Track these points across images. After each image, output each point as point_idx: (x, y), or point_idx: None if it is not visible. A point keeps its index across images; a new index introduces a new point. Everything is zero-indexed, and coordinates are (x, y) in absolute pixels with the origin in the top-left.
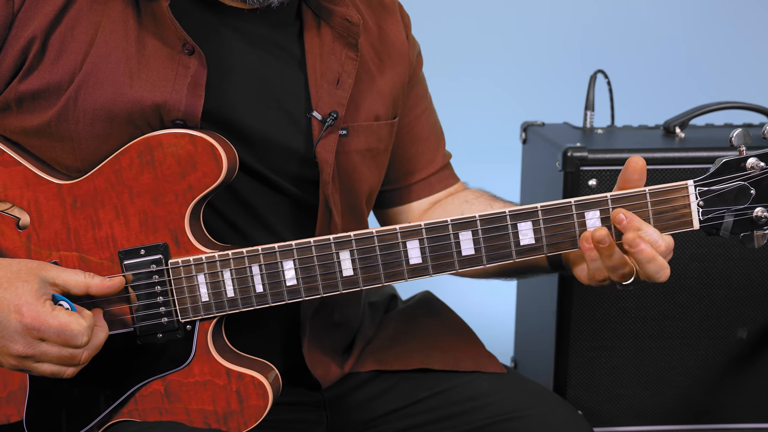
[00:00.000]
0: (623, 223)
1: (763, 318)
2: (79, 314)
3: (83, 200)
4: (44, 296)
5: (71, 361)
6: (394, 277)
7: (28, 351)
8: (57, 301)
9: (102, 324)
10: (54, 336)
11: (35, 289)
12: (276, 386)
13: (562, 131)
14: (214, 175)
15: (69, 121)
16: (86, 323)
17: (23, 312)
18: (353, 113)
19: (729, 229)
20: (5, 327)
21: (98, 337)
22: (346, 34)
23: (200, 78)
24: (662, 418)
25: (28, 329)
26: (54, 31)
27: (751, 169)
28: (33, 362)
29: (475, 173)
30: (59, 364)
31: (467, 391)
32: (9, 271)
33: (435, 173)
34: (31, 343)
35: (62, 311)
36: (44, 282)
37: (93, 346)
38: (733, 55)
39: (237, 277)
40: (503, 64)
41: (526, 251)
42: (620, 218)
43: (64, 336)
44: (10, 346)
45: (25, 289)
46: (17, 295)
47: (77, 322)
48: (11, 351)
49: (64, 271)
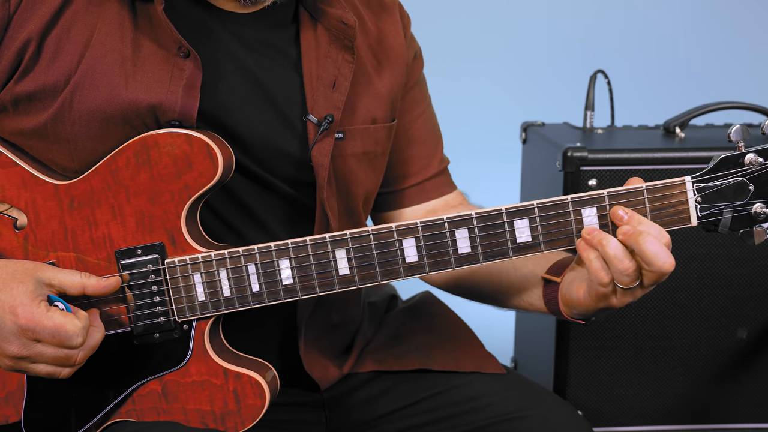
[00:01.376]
0: (624, 219)
1: (763, 318)
2: (74, 315)
3: (80, 200)
4: (39, 297)
5: (67, 361)
6: (390, 276)
7: (23, 352)
8: (52, 302)
9: (98, 324)
10: (49, 337)
11: (30, 290)
12: (273, 386)
13: (562, 131)
14: (210, 174)
15: (65, 123)
16: (81, 324)
17: (18, 313)
18: (350, 116)
19: (727, 225)
20: (0, 328)
21: (94, 337)
22: (342, 36)
23: (196, 80)
24: (662, 418)
25: (23, 330)
26: (50, 33)
27: (750, 165)
28: (28, 363)
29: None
30: (55, 365)
31: (467, 392)
32: (5, 272)
33: (429, 179)
34: (26, 344)
35: (57, 312)
36: (40, 283)
37: (89, 347)
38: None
39: (233, 277)
40: (503, 64)
41: (523, 249)
42: (620, 215)
43: (59, 337)
44: (6, 347)
45: (20, 290)
46: (12, 296)
47: (72, 323)
48: (6, 352)
49: (60, 272)
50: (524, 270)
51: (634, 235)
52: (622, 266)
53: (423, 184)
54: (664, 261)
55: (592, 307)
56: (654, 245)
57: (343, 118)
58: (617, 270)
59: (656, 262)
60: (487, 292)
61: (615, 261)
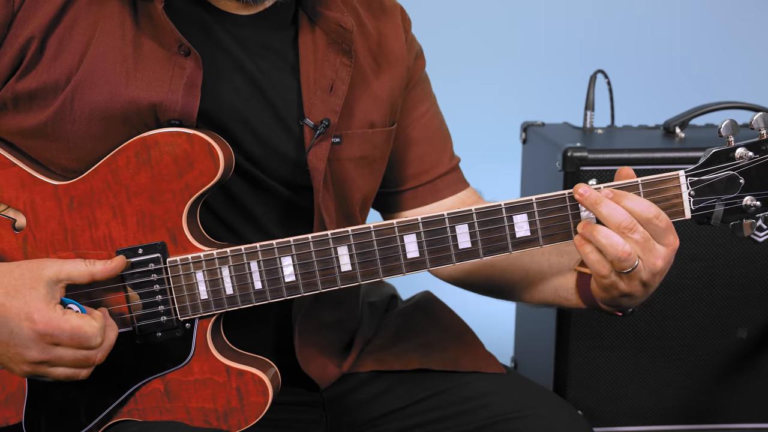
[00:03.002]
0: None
1: (763, 318)
2: (90, 316)
3: (80, 200)
4: (54, 300)
5: (86, 363)
6: (392, 272)
7: (43, 356)
8: (65, 305)
9: (111, 323)
10: (68, 340)
11: (43, 294)
12: (276, 383)
13: (562, 131)
14: (211, 173)
15: (65, 121)
16: (99, 324)
17: (35, 319)
18: (347, 120)
19: (719, 218)
20: (18, 335)
21: (110, 337)
22: (339, 40)
23: (196, 79)
24: (662, 418)
25: (42, 336)
26: (53, 32)
27: (740, 159)
28: (48, 367)
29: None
30: (74, 367)
31: (467, 392)
32: (11, 277)
33: (441, 176)
34: (45, 348)
35: (73, 314)
36: (50, 283)
37: (106, 346)
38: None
39: (235, 275)
40: (503, 65)
41: (522, 243)
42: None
43: (78, 339)
44: (25, 353)
45: (33, 296)
46: (26, 303)
47: (90, 324)
48: (26, 358)
49: (66, 264)
50: (552, 259)
51: (591, 197)
52: (615, 252)
53: (435, 182)
54: (661, 234)
55: (607, 297)
56: (607, 207)
57: (341, 122)
58: (613, 257)
59: (612, 221)
60: (505, 285)
61: (609, 248)
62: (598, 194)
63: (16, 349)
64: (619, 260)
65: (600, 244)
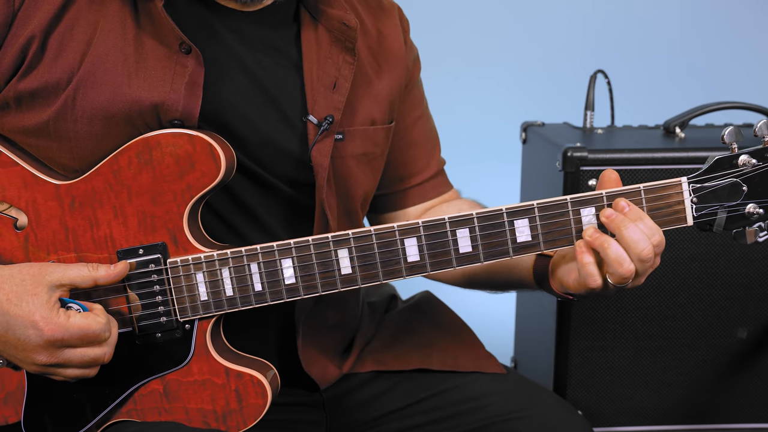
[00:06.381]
0: (625, 210)
1: (763, 318)
2: (93, 313)
3: (81, 200)
4: (56, 305)
5: (95, 362)
6: (392, 275)
7: (52, 360)
8: (65, 305)
9: (111, 317)
10: (77, 341)
11: (45, 300)
12: (275, 385)
13: (562, 131)
14: (212, 174)
15: (67, 121)
16: (104, 319)
17: (41, 326)
18: (349, 117)
19: (722, 225)
20: (26, 342)
21: (113, 332)
22: (343, 38)
23: (198, 77)
24: (662, 418)
25: (50, 341)
26: (53, 31)
27: (743, 166)
28: (58, 368)
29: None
30: (83, 367)
31: (467, 392)
32: (13, 283)
33: (429, 179)
34: (54, 352)
35: (77, 315)
36: (51, 288)
37: (113, 341)
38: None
39: (236, 276)
40: (503, 64)
41: (523, 248)
42: (622, 206)
43: (88, 338)
44: (35, 358)
45: (35, 303)
46: (30, 311)
47: (96, 321)
48: (36, 361)
49: (68, 269)
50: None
51: (617, 220)
52: (622, 270)
53: (423, 185)
54: (643, 248)
55: (582, 294)
56: (635, 233)
57: (343, 119)
58: (616, 272)
59: (635, 249)
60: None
61: (615, 264)
62: (623, 218)
63: (26, 353)
64: (621, 278)
65: (608, 258)
